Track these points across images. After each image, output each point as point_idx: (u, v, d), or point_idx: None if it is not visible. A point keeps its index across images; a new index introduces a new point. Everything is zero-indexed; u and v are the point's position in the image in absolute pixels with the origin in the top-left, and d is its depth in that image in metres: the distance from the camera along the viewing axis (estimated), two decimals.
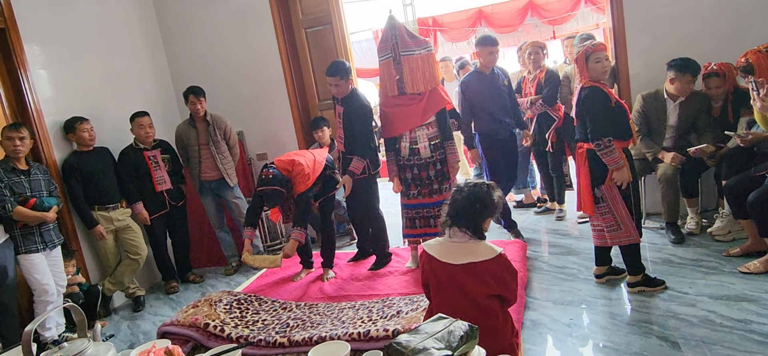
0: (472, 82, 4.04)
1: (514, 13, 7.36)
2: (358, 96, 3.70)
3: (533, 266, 3.53)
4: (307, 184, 3.51)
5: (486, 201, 2.07)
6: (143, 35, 4.86)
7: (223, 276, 4.45)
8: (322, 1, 4.90)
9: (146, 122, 4.10)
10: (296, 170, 3.51)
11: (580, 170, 2.98)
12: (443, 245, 2.13)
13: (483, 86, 4.00)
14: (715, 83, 3.44)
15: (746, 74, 3.19)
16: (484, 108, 4.00)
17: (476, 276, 2.07)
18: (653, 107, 3.63)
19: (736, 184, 3.11)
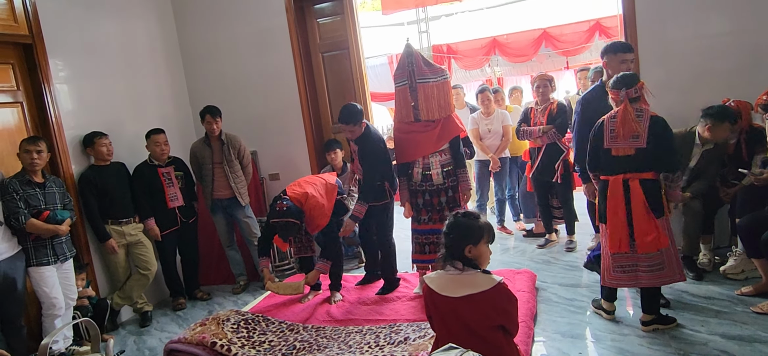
0: (594, 100, 3.31)
1: (529, 43, 7.42)
2: (371, 135, 3.69)
3: (542, 297, 3.50)
4: (326, 216, 3.60)
5: (463, 229, 2.07)
6: (164, 54, 4.98)
7: (230, 294, 4.46)
8: (340, 27, 5.00)
9: (162, 140, 4.18)
10: (310, 203, 3.58)
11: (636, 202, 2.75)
12: (442, 278, 2.13)
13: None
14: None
15: (766, 112, 3.18)
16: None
17: (477, 308, 2.06)
18: (680, 145, 3.44)
19: (749, 222, 3.08)
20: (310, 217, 3.61)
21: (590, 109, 3.26)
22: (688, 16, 3.84)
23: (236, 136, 4.54)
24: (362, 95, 4.98)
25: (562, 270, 3.98)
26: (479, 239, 2.12)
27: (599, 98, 3.24)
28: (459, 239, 2.09)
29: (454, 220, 2.15)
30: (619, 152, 2.84)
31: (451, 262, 2.11)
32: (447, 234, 2.13)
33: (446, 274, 2.14)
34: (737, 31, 3.73)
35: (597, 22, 7.19)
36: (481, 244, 2.12)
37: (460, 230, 2.09)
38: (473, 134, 5.01)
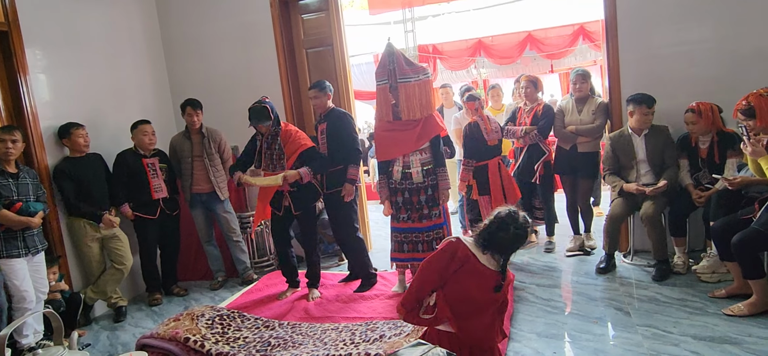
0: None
1: (514, 45, 7.47)
2: (338, 109, 3.87)
3: (520, 296, 3.52)
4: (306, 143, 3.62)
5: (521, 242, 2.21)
6: (146, 46, 4.91)
7: (208, 290, 4.41)
8: (324, 24, 4.97)
9: (150, 130, 4.13)
10: (290, 128, 3.66)
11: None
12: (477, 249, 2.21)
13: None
14: (690, 119, 3.54)
15: (747, 117, 3.24)
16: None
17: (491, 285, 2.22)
18: (620, 145, 3.78)
19: (723, 226, 3.12)
20: (287, 133, 3.60)
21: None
22: (669, 24, 3.89)
23: (217, 130, 4.49)
24: (346, 92, 4.96)
25: (540, 270, 4.00)
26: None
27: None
28: (517, 246, 2.21)
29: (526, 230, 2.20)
30: None
31: (493, 253, 2.21)
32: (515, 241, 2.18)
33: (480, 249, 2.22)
34: (717, 38, 3.79)
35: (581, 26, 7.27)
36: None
37: (524, 239, 2.21)
38: (456, 134, 5.02)
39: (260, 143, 3.70)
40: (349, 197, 3.76)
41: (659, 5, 3.88)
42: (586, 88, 4.23)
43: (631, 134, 3.77)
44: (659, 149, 3.70)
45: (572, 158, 4.19)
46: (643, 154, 3.73)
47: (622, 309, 3.19)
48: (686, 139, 3.68)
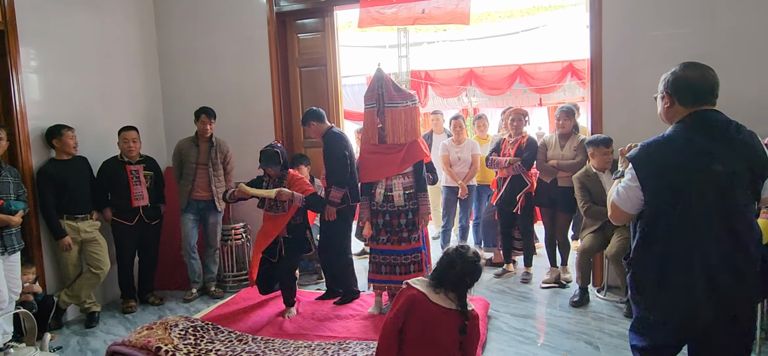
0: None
1: (504, 77, 7.63)
2: (335, 131, 3.96)
3: (493, 325, 3.56)
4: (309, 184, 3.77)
5: (478, 273, 2.20)
6: (141, 54, 4.96)
7: (182, 301, 4.37)
8: (319, 44, 5.07)
9: (130, 137, 4.15)
10: (294, 174, 3.78)
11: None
12: (429, 289, 2.18)
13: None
14: None
15: None
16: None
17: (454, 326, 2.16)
18: (590, 182, 3.90)
19: None
20: (293, 178, 3.73)
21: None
22: (652, 66, 3.98)
23: (225, 141, 4.56)
24: (336, 112, 5.03)
25: (516, 300, 4.04)
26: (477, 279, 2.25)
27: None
28: (472, 279, 2.19)
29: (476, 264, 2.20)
30: None
31: (446, 291, 2.17)
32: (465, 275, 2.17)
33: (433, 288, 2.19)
34: None
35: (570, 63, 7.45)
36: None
37: (476, 273, 2.19)
38: (443, 161, 5.10)
39: (267, 185, 3.80)
40: (329, 218, 3.81)
41: (642, 48, 4.02)
42: (569, 124, 4.33)
43: (596, 173, 3.89)
44: None
45: (552, 191, 4.27)
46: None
47: (592, 343, 3.24)
48: None
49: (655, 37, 4.01)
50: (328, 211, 3.79)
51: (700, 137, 1.86)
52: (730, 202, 1.79)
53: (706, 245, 1.78)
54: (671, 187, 1.83)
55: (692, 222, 1.80)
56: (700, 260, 1.78)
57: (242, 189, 3.64)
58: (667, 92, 1.97)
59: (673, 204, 1.82)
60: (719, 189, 1.78)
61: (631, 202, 1.91)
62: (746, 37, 3.79)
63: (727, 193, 1.78)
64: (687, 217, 1.80)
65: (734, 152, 1.83)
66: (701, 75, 1.94)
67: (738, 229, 1.79)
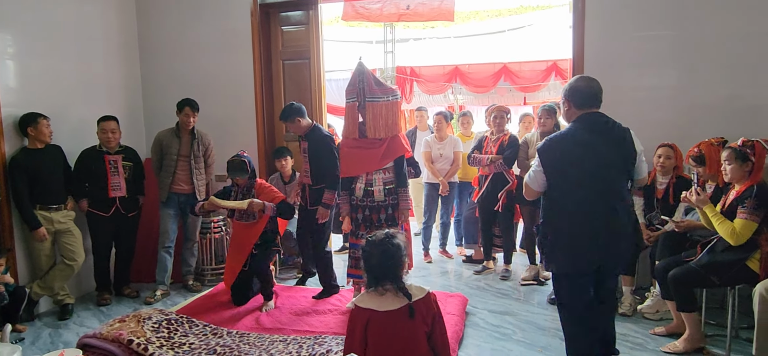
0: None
1: (489, 75, 7.65)
2: (320, 129, 3.97)
3: (471, 321, 3.57)
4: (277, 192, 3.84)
5: (400, 252, 2.17)
6: (120, 43, 4.87)
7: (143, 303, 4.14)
8: (303, 37, 5.03)
9: (109, 127, 4.08)
10: (262, 182, 3.85)
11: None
12: (374, 298, 2.17)
13: None
14: (666, 153, 3.61)
15: (697, 164, 3.40)
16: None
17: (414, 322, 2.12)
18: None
19: (666, 266, 3.23)
20: (261, 187, 3.81)
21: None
22: (632, 69, 4.07)
23: (207, 133, 4.50)
24: (319, 106, 5.00)
25: (494, 296, 4.06)
26: (406, 256, 2.23)
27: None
28: (399, 261, 2.16)
29: (387, 245, 2.18)
30: None
31: (382, 285, 2.15)
32: (384, 259, 2.16)
33: (377, 294, 2.17)
34: (675, 86, 3.99)
35: (554, 63, 7.50)
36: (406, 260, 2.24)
37: (396, 252, 2.17)
38: (425, 157, 5.10)
39: (235, 194, 3.84)
40: (322, 219, 3.87)
41: (624, 51, 4.06)
42: (550, 123, 4.35)
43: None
44: None
45: None
46: None
47: None
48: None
49: (636, 39, 4.05)
50: (320, 213, 3.84)
51: (587, 132, 2.45)
52: (607, 181, 2.43)
53: (590, 214, 2.42)
54: (566, 170, 2.44)
55: (581, 196, 2.42)
56: (586, 225, 2.42)
57: (213, 202, 3.67)
58: (566, 97, 2.55)
59: (567, 183, 2.44)
60: (599, 171, 2.42)
61: (538, 183, 2.52)
62: (724, 41, 3.85)
63: (605, 174, 2.42)
64: (577, 193, 2.42)
65: (610, 144, 2.44)
66: (588, 85, 2.52)
67: (612, 201, 2.43)
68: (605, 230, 2.41)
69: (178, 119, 4.33)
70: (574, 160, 2.42)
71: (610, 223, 2.42)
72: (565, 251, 2.46)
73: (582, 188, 2.40)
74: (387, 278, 2.16)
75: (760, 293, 2.72)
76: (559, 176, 2.45)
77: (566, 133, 2.51)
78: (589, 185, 2.40)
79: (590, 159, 2.40)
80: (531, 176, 2.54)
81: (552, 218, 2.51)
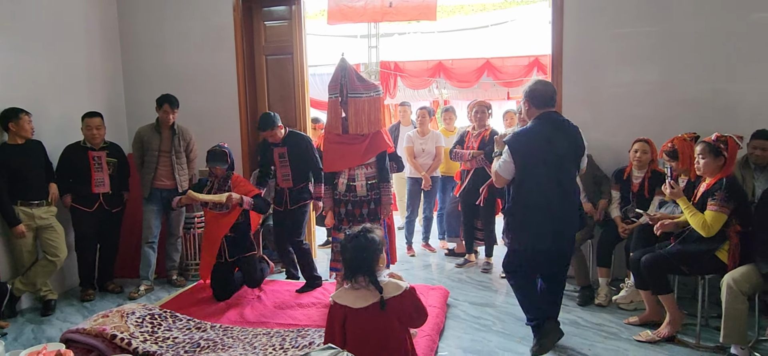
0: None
1: (472, 70, 7.73)
2: (296, 132, 4.13)
3: (452, 313, 3.65)
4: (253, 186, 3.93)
5: (374, 245, 2.24)
6: (101, 36, 4.83)
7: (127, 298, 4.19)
8: (286, 32, 5.04)
9: (94, 123, 4.07)
10: (238, 177, 3.90)
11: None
12: (350, 294, 2.24)
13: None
14: (642, 148, 3.74)
15: (671, 159, 3.50)
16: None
17: (388, 316, 2.20)
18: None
19: (640, 257, 3.34)
20: (237, 180, 3.89)
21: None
22: (611, 66, 4.15)
23: (188, 129, 4.49)
24: (302, 101, 5.02)
25: (475, 289, 4.15)
26: (381, 250, 2.28)
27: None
28: (373, 254, 2.23)
29: (361, 238, 2.26)
30: None
31: (357, 279, 2.23)
32: (358, 252, 2.23)
33: (353, 290, 2.24)
34: (653, 82, 4.08)
35: (536, 58, 7.60)
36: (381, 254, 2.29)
37: (370, 245, 2.23)
38: (408, 152, 5.16)
39: (211, 185, 3.88)
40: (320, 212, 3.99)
41: (603, 47, 4.14)
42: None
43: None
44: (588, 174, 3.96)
45: None
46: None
47: None
48: (621, 172, 3.92)
49: (615, 36, 4.12)
50: (317, 206, 4.00)
51: (546, 129, 2.84)
52: (563, 171, 2.86)
53: (550, 201, 2.82)
54: (531, 160, 2.81)
55: (542, 184, 2.81)
56: (546, 208, 2.82)
57: (191, 195, 3.69)
58: (526, 98, 2.95)
59: (531, 173, 2.82)
60: (556, 163, 2.82)
61: (508, 172, 2.87)
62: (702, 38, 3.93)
63: (561, 165, 2.84)
64: (539, 181, 2.81)
65: (565, 139, 2.85)
66: (545, 88, 2.93)
67: (567, 188, 2.88)
68: (560, 211, 2.85)
69: (158, 115, 4.32)
70: (538, 152, 2.81)
71: (564, 205, 2.87)
72: (531, 228, 2.87)
73: (544, 176, 2.81)
74: (361, 271, 2.23)
75: (728, 283, 2.84)
76: (526, 165, 2.82)
77: (531, 128, 2.89)
78: (550, 173, 2.81)
79: (550, 151, 2.80)
80: (501, 166, 2.88)
81: (519, 201, 2.88)
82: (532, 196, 2.83)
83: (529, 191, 2.83)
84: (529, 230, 2.88)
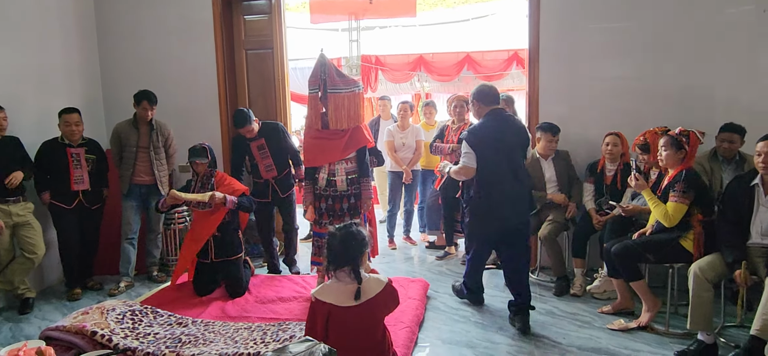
0: None
1: (452, 64, 7.79)
2: (270, 123, 4.27)
3: (431, 305, 3.72)
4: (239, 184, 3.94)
5: (360, 238, 2.32)
6: (77, 29, 4.76)
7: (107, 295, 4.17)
8: (266, 26, 5.03)
9: (72, 120, 4.01)
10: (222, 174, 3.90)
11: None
12: (333, 290, 2.29)
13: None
14: (613, 141, 3.85)
15: (643, 152, 3.61)
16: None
17: (371, 313, 2.28)
18: (531, 167, 4.08)
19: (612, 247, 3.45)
20: (221, 178, 3.89)
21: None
22: (587, 60, 4.20)
23: (166, 123, 4.46)
24: (283, 96, 5.03)
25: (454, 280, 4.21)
26: (367, 247, 2.37)
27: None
28: (359, 246, 2.30)
29: (351, 230, 2.34)
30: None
31: (341, 269, 2.29)
32: (345, 244, 2.29)
33: (335, 286, 2.29)
34: (628, 77, 4.15)
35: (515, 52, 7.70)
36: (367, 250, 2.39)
37: (358, 239, 2.32)
38: (388, 147, 5.20)
39: (194, 184, 3.87)
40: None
41: (580, 40, 4.19)
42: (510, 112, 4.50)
43: (538, 158, 4.09)
44: (563, 170, 4.08)
45: None
46: (550, 174, 4.11)
47: None
48: (594, 165, 4.03)
49: (591, 30, 4.17)
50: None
51: (496, 123, 3.25)
52: (514, 160, 3.26)
53: (505, 184, 3.21)
54: (486, 151, 3.19)
55: (498, 172, 3.20)
56: (502, 193, 3.21)
57: (174, 195, 3.67)
58: (475, 99, 3.36)
59: (488, 160, 3.19)
60: (508, 153, 3.22)
61: (472, 161, 3.23)
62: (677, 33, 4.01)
63: (512, 155, 3.24)
64: (495, 169, 3.20)
65: (512, 131, 3.28)
66: (490, 89, 3.37)
67: (519, 175, 3.28)
68: (515, 193, 3.25)
69: (135, 111, 4.29)
70: (492, 143, 3.19)
71: (518, 187, 3.26)
72: (491, 212, 3.25)
73: (499, 163, 3.19)
74: (346, 263, 2.28)
75: (694, 271, 2.95)
76: (484, 155, 3.19)
77: (484, 123, 3.28)
78: (503, 160, 3.20)
79: (502, 142, 3.20)
80: (465, 159, 3.25)
81: (481, 187, 3.25)
82: (491, 180, 3.20)
83: (488, 177, 3.21)
84: (489, 214, 3.26)
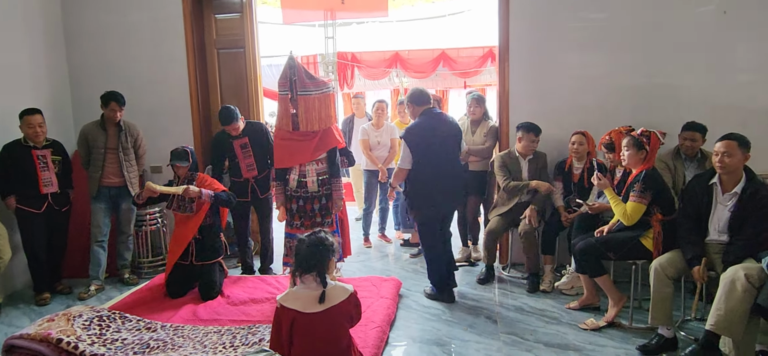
0: None
1: (428, 61, 7.83)
2: (255, 123, 4.21)
3: (403, 304, 3.76)
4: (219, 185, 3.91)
5: (328, 244, 2.35)
6: (44, 29, 4.65)
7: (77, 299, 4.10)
8: (237, 25, 4.98)
9: (36, 122, 3.92)
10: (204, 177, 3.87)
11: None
12: (300, 297, 2.31)
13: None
14: (579, 140, 3.92)
15: (608, 151, 3.69)
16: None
17: (337, 317, 2.31)
18: (509, 162, 4.13)
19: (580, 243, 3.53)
20: (202, 179, 3.84)
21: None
22: (558, 56, 4.24)
23: (135, 124, 4.40)
24: (255, 95, 4.99)
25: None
26: (334, 254, 2.40)
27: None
28: (326, 253, 2.33)
29: (319, 236, 2.37)
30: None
31: (305, 277, 2.31)
32: (313, 250, 2.32)
33: (301, 292, 2.31)
34: (597, 75, 4.20)
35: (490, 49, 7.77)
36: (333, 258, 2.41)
37: (325, 245, 2.35)
38: (363, 145, 5.21)
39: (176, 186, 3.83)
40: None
41: (549, 37, 4.23)
42: (480, 111, 4.56)
43: (518, 157, 4.12)
44: (539, 170, 4.12)
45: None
46: (526, 174, 4.10)
47: (492, 317, 3.52)
48: (562, 164, 4.10)
49: (561, 27, 4.21)
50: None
51: (431, 121, 3.61)
52: (449, 152, 3.63)
53: (441, 175, 3.57)
54: (422, 147, 3.53)
55: (433, 162, 3.55)
56: (439, 182, 3.57)
57: (149, 187, 3.64)
58: (409, 102, 3.72)
59: (424, 154, 3.53)
60: (443, 146, 3.58)
61: (408, 160, 3.55)
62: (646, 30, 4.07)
63: (447, 148, 3.61)
64: (432, 161, 3.54)
65: (444, 126, 3.64)
66: (421, 92, 3.74)
67: (455, 165, 3.69)
68: (449, 181, 3.62)
69: (103, 112, 4.22)
70: (428, 138, 3.53)
71: (451, 175, 3.63)
72: (428, 201, 3.59)
73: (434, 155, 3.52)
74: (314, 269, 2.31)
75: (655, 268, 3.04)
76: (421, 151, 3.51)
77: (420, 122, 3.61)
78: (438, 152, 3.54)
79: (437, 136, 3.55)
80: (402, 159, 3.57)
81: (419, 178, 3.56)
82: (428, 171, 3.53)
83: (425, 171, 3.53)
84: (427, 202, 3.59)
